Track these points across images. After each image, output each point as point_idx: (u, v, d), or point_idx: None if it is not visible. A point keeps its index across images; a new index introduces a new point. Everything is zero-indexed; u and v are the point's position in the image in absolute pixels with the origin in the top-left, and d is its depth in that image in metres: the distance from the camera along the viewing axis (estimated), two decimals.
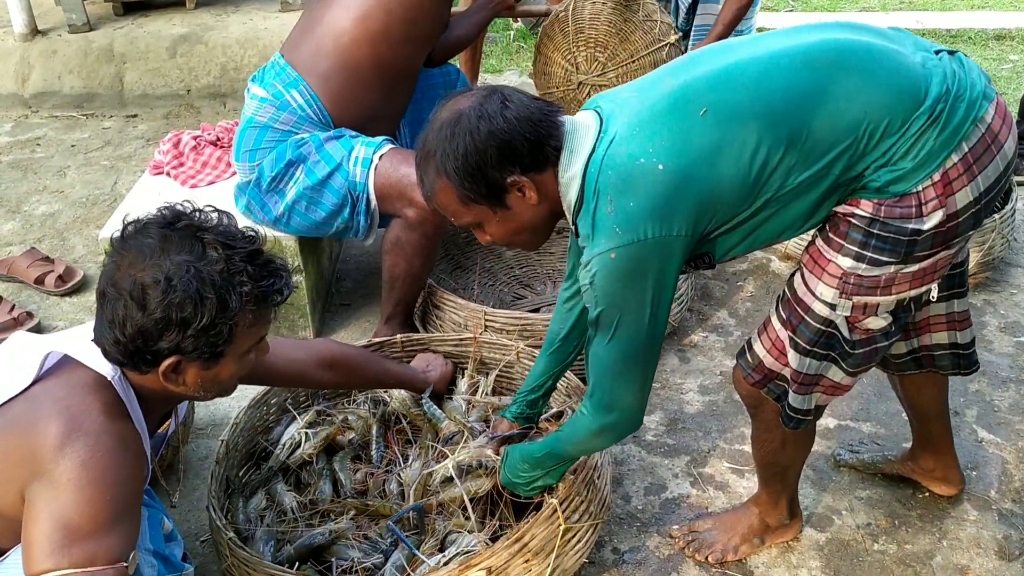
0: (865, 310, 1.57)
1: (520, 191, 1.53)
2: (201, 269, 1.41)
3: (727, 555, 2.02)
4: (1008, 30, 5.63)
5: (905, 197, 1.45)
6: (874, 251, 1.50)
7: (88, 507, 1.35)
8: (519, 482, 1.87)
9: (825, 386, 1.71)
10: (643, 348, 1.55)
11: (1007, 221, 2.97)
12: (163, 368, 1.46)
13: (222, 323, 1.43)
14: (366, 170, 2.51)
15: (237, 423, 2.13)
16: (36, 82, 4.72)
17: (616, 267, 1.46)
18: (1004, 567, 2.00)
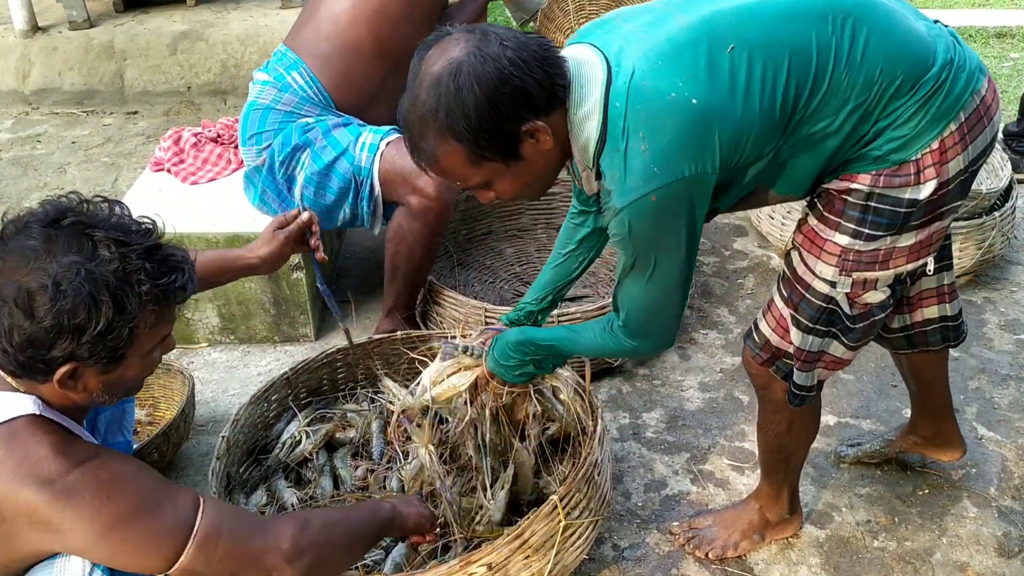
0: (864, 285, 1.59)
1: (534, 138, 1.43)
2: (93, 270, 1.29)
3: (727, 551, 2.02)
4: (1009, 28, 5.62)
5: (904, 165, 1.46)
6: (871, 226, 1.51)
7: (139, 496, 1.34)
8: (508, 365, 1.82)
9: (827, 361, 1.72)
10: (680, 284, 1.53)
11: (1007, 219, 2.97)
12: (58, 377, 1.33)
13: (120, 327, 1.32)
14: (372, 155, 2.52)
15: (238, 419, 2.13)
16: (36, 79, 4.72)
17: (655, 209, 1.40)
18: (1003, 564, 2.00)
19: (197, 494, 1.41)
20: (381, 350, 2.43)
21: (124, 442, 1.88)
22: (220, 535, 1.37)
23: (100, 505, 1.31)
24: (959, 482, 2.23)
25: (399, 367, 2.45)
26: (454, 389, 1.95)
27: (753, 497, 2.06)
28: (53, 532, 1.31)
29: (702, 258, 3.20)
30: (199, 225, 2.71)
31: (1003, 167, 3.11)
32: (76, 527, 1.30)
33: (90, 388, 1.40)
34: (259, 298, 2.79)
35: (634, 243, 1.45)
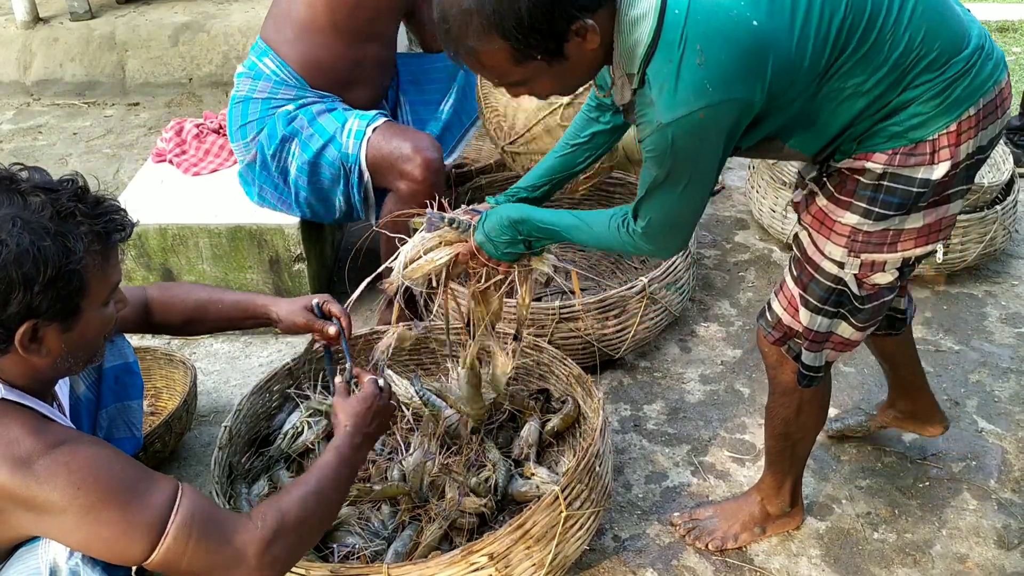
0: (873, 267, 1.60)
1: (580, 36, 1.36)
2: (28, 219, 1.28)
3: (727, 543, 2.03)
4: (1012, 22, 5.61)
5: (920, 144, 1.47)
6: (881, 205, 1.52)
7: (113, 484, 1.32)
8: (498, 241, 1.77)
9: (835, 342, 1.73)
10: (705, 198, 1.54)
11: (1008, 212, 2.97)
12: (19, 338, 1.31)
13: (69, 271, 1.30)
14: (359, 142, 2.51)
15: (240, 409, 2.13)
16: (38, 70, 4.71)
17: (701, 127, 1.37)
18: (1003, 556, 2.01)
19: (177, 484, 1.39)
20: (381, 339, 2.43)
21: (132, 439, 1.88)
22: (192, 529, 1.34)
23: (78, 486, 1.29)
24: (959, 474, 2.23)
25: (401, 358, 2.46)
26: (432, 263, 1.88)
27: (755, 489, 2.07)
28: (33, 512, 1.30)
29: (703, 251, 3.20)
30: (201, 216, 2.72)
31: (1005, 161, 3.11)
32: (54, 508, 1.29)
33: (53, 350, 1.38)
34: (261, 290, 2.80)
35: (673, 159, 1.42)
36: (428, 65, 2.89)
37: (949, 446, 2.32)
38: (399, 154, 2.45)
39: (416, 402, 2.26)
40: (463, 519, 1.95)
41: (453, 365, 2.17)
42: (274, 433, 2.23)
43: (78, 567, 1.36)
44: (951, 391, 2.51)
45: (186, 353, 2.70)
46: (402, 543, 1.90)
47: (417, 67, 2.92)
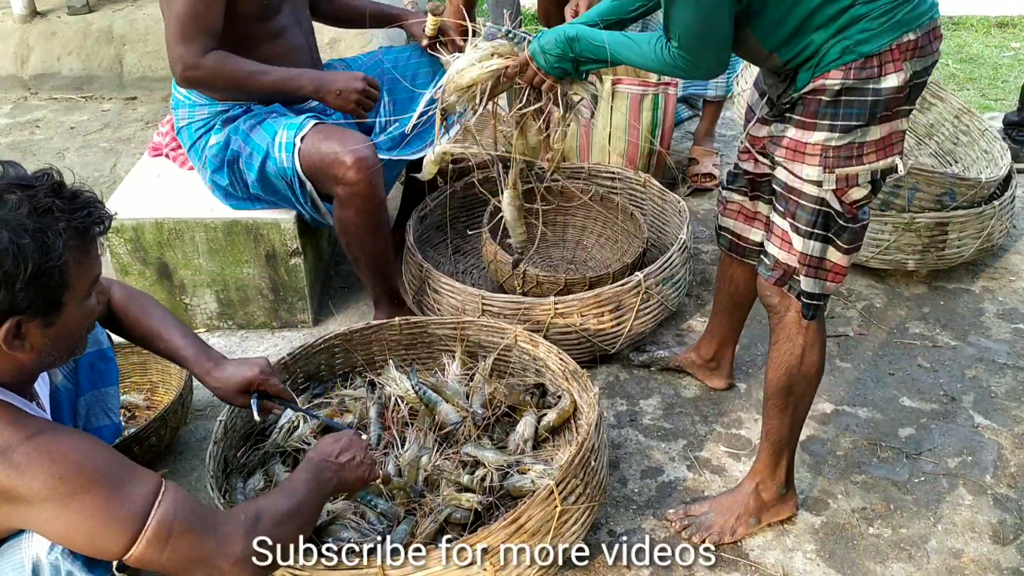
0: (848, 181, 1.74)
1: None
2: (6, 217, 1.28)
3: (724, 537, 2.03)
4: (1010, 17, 5.61)
5: (869, 59, 1.64)
6: (843, 118, 1.69)
7: (95, 476, 1.31)
8: (550, 53, 1.92)
9: (829, 270, 1.84)
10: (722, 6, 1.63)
11: (1006, 208, 2.97)
12: (2, 336, 1.32)
13: (50, 268, 1.31)
14: (290, 155, 2.47)
15: None
16: (35, 64, 4.71)
17: None
18: (998, 551, 2.01)
19: (160, 479, 1.38)
20: (379, 335, 2.43)
21: (111, 425, 1.88)
22: (173, 526, 1.34)
23: (59, 475, 1.29)
24: (955, 470, 2.23)
25: (397, 352, 2.46)
26: (482, 70, 2.00)
27: (749, 476, 2.07)
28: (13, 503, 1.30)
29: (700, 246, 3.20)
30: (198, 211, 2.71)
31: (1003, 156, 3.11)
32: (35, 497, 1.29)
33: (37, 345, 1.38)
34: (257, 284, 2.79)
35: None
36: (415, 59, 2.87)
37: (945, 441, 2.32)
38: (331, 159, 2.41)
39: (412, 396, 2.26)
40: (458, 514, 1.95)
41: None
42: (269, 427, 2.23)
43: (58, 561, 1.35)
44: (947, 386, 2.51)
45: None
46: (397, 537, 1.90)
47: (401, 60, 2.89)
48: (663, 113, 3.29)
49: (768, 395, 1.98)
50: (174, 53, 2.39)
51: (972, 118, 3.35)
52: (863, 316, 2.82)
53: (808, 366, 1.93)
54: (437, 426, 2.20)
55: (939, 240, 2.86)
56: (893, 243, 2.86)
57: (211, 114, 2.57)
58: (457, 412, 2.20)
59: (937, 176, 2.80)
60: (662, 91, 3.23)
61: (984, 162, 3.20)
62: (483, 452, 2.09)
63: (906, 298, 2.91)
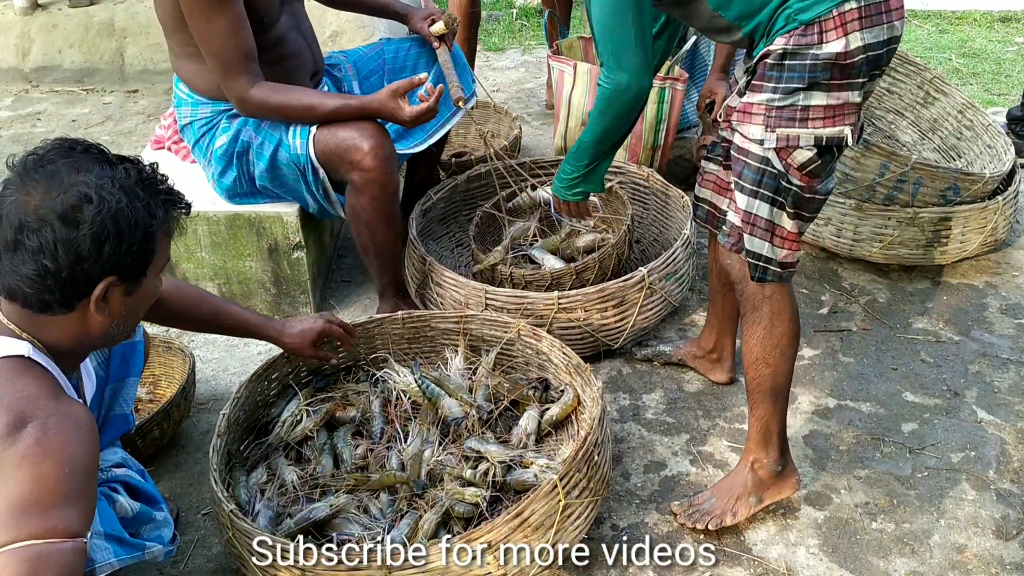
0: (788, 141, 1.78)
1: None
2: (122, 182, 1.41)
3: (726, 519, 2.02)
4: (1014, 12, 5.60)
5: (809, 26, 1.71)
6: (786, 80, 1.75)
7: (45, 480, 1.30)
8: (560, 185, 2.30)
9: (776, 234, 1.87)
10: (639, 17, 1.83)
11: (1010, 203, 2.96)
12: (96, 294, 1.42)
13: (151, 233, 1.44)
14: (305, 141, 2.47)
15: (238, 397, 2.13)
16: (36, 56, 4.70)
17: None
18: (1001, 546, 2.01)
19: (84, 541, 1.33)
20: (382, 330, 2.43)
21: (123, 415, 1.88)
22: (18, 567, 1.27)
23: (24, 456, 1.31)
24: (958, 465, 2.23)
25: (400, 345, 2.46)
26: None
27: (743, 457, 2.07)
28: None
29: (703, 240, 3.19)
30: (200, 204, 2.70)
31: (1006, 151, 3.10)
32: (4, 460, 1.30)
33: (114, 312, 1.48)
34: (259, 277, 2.79)
35: None
36: (415, 51, 2.87)
37: (948, 436, 2.32)
38: (347, 145, 2.41)
39: (415, 390, 2.26)
40: (461, 508, 1.95)
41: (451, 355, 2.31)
42: (272, 421, 2.23)
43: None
44: (951, 381, 2.51)
45: (184, 341, 2.69)
46: (400, 532, 1.90)
47: (402, 52, 2.89)
48: (669, 107, 3.28)
49: (745, 370, 2.00)
50: (225, 87, 2.41)
51: (976, 113, 3.34)
52: (866, 311, 2.82)
53: (779, 335, 1.94)
54: (440, 420, 2.19)
55: (943, 235, 2.85)
56: (896, 238, 2.85)
57: (213, 112, 2.56)
58: (460, 406, 2.20)
59: (941, 171, 2.80)
60: (669, 85, 3.20)
61: (988, 157, 3.20)
62: (486, 446, 2.09)
63: (909, 293, 2.91)
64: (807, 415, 2.40)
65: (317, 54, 2.69)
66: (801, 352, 2.63)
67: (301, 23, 2.63)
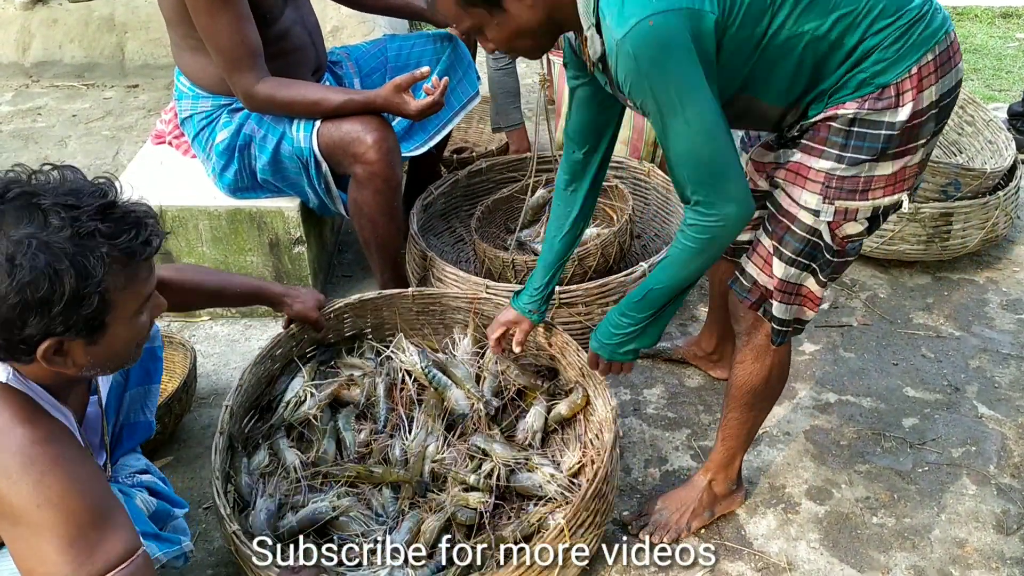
0: (846, 215, 1.65)
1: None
2: (46, 240, 1.23)
3: (681, 534, 2.03)
4: (1015, 8, 5.59)
5: (886, 89, 1.54)
6: (853, 150, 1.59)
7: (72, 518, 1.25)
8: (608, 342, 1.86)
9: (803, 296, 1.77)
10: (719, 126, 1.51)
11: (1011, 199, 2.96)
12: (41, 354, 1.29)
13: (88, 293, 1.26)
14: (308, 134, 2.47)
15: (241, 384, 2.09)
16: (37, 51, 4.69)
17: (655, 36, 1.40)
18: (1002, 541, 2.01)
19: (139, 544, 1.33)
20: (391, 302, 2.42)
21: (145, 422, 1.87)
22: None
23: (39, 503, 1.24)
24: (959, 460, 2.23)
25: (407, 319, 2.45)
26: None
27: (701, 472, 2.07)
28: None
29: None
30: (201, 198, 2.70)
31: (1007, 147, 3.10)
32: (9, 513, 1.25)
33: (79, 362, 1.35)
34: (261, 272, 2.79)
35: (649, 80, 1.45)
36: (419, 48, 2.86)
37: (949, 431, 2.32)
38: (351, 138, 2.41)
39: (420, 371, 2.25)
40: (463, 515, 1.94)
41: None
42: (276, 399, 2.22)
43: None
44: (951, 377, 2.51)
45: (186, 336, 2.69)
46: (401, 536, 1.89)
47: (405, 49, 2.88)
48: None
49: (729, 405, 1.97)
50: (231, 82, 2.41)
51: (977, 108, 3.34)
52: (867, 306, 2.82)
53: (773, 385, 1.93)
54: (445, 412, 2.19)
55: (943, 230, 2.85)
56: (897, 233, 2.85)
57: (214, 106, 2.56)
58: (467, 399, 2.19)
59: (942, 166, 2.80)
60: None
61: (989, 152, 3.20)
62: (491, 445, 2.08)
63: (910, 288, 2.91)
64: (808, 410, 2.41)
65: (320, 50, 2.69)
66: (802, 347, 2.63)
67: (305, 18, 2.63)
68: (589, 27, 1.51)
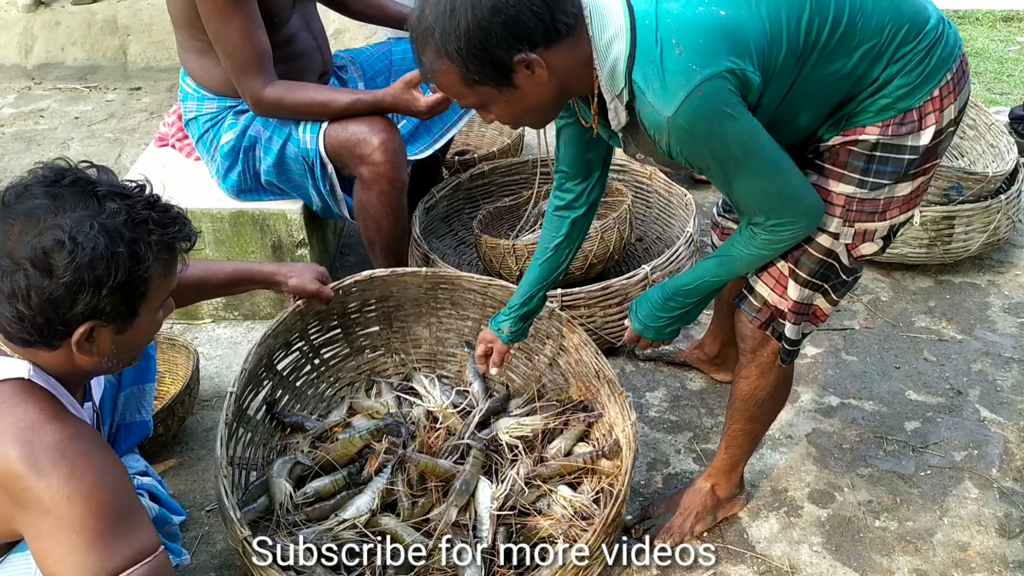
0: (864, 236, 1.64)
1: (529, 68, 1.41)
2: (105, 223, 1.29)
3: (685, 538, 2.03)
4: (1016, 11, 5.59)
5: (908, 114, 1.52)
6: (875, 175, 1.57)
7: (100, 511, 1.27)
8: (657, 326, 1.84)
9: (812, 314, 1.76)
10: (780, 155, 1.49)
11: (1013, 202, 2.96)
12: (77, 337, 1.33)
13: (137, 277, 1.33)
14: (315, 135, 2.47)
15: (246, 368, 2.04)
16: (39, 54, 4.70)
17: (706, 104, 1.37)
18: (1004, 544, 2.01)
19: (159, 542, 1.34)
20: (397, 280, 2.37)
21: (142, 422, 1.87)
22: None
23: (70, 496, 1.25)
24: (961, 463, 2.23)
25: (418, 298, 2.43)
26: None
27: (704, 477, 2.07)
28: (17, 503, 1.27)
29: (705, 238, 3.19)
30: (204, 201, 2.71)
31: (1009, 150, 3.10)
32: (38, 507, 1.25)
33: (103, 350, 1.39)
34: None
35: (708, 144, 1.43)
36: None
37: (951, 435, 2.32)
38: (357, 139, 2.41)
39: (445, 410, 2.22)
40: None
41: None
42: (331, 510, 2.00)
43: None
44: (953, 380, 2.51)
45: (188, 338, 2.70)
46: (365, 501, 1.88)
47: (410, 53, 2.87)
48: None
49: (733, 416, 1.97)
50: (240, 86, 2.41)
51: (978, 112, 3.34)
52: (869, 309, 2.82)
53: (778, 397, 1.93)
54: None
55: (945, 234, 2.86)
56: (899, 237, 2.85)
57: (220, 108, 2.56)
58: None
59: (943, 170, 2.80)
60: None
61: (991, 156, 3.20)
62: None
63: (912, 292, 2.91)
64: (810, 413, 2.41)
65: (327, 54, 2.70)
66: (804, 351, 2.63)
67: (312, 23, 2.63)
68: (613, 99, 1.47)
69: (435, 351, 2.50)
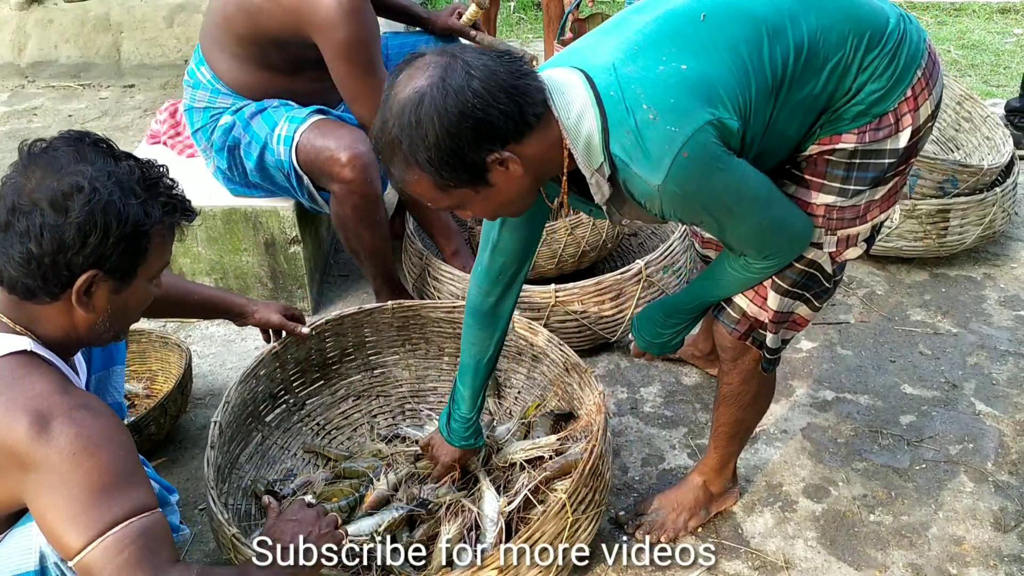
0: (847, 242, 1.62)
1: (503, 166, 1.37)
2: (121, 177, 1.39)
3: (679, 533, 2.03)
4: (1013, 3, 5.59)
5: (884, 117, 1.50)
6: (855, 182, 1.55)
7: (107, 466, 1.31)
8: (661, 342, 1.89)
9: (792, 322, 1.75)
10: (768, 189, 1.49)
11: (1008, 195, 2.96)
12: (78, 285, 1.37)
13: (142, 233, 1.40)
14: (288, 148, 2.46)
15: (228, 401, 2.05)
16: (32, 52, 4.69)
17: (694, 165, 1.35)
18: (999, 538, 2.01)
19: (156, 503, 1.36)
20: (371, 319, 2.38)
21: (115, 404, 1.88)
22: (133, 546, 1.29)
23: (76, 453, 1.30)
24: (956, 457, 2.23)
25: (388, 335, 2.42)
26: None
27: (696, 472, 2.07)
28: (23, 469, 1.30)
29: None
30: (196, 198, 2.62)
31: (1004, 143, 3.09)
32: (44, 465, 1.28)
33: (100, 308, 1.44)
34: (256, 272, 2.79)
35: (701, 201, 1.42)
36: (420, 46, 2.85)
37: (946, 428, 2.32)
38: (326, 156, 2.40)
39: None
40: None
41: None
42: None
43: None
44: (949, 373, 2.51)
45: (181, 336, 2.69)
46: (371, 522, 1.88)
47: (407, 48, 2.87)
48: None
49: (719, 419, 1.96)
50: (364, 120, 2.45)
51: (974, 105, 3.34)
52: (864, 303, 2.82)
53: (762, 403, 1.94)
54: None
55: (941, 227, 2.85)
56: (894, 230, 2.85)
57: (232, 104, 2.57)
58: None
59: (939, 163, 2.79)
60: None
61: (986, 149, 3.19)
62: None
63: (907, 285, 2.91)
64: (805, 408, 2.40)
65: None
66: (799, 344, 2.63)
67: None
68: (593, 174, 1.42)
69: (416, 388, 2.46)
